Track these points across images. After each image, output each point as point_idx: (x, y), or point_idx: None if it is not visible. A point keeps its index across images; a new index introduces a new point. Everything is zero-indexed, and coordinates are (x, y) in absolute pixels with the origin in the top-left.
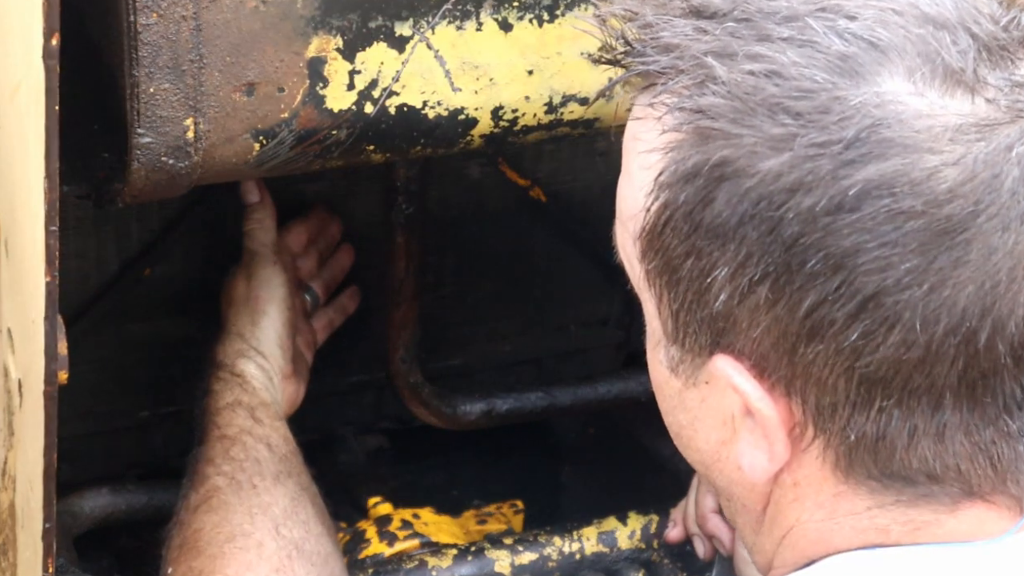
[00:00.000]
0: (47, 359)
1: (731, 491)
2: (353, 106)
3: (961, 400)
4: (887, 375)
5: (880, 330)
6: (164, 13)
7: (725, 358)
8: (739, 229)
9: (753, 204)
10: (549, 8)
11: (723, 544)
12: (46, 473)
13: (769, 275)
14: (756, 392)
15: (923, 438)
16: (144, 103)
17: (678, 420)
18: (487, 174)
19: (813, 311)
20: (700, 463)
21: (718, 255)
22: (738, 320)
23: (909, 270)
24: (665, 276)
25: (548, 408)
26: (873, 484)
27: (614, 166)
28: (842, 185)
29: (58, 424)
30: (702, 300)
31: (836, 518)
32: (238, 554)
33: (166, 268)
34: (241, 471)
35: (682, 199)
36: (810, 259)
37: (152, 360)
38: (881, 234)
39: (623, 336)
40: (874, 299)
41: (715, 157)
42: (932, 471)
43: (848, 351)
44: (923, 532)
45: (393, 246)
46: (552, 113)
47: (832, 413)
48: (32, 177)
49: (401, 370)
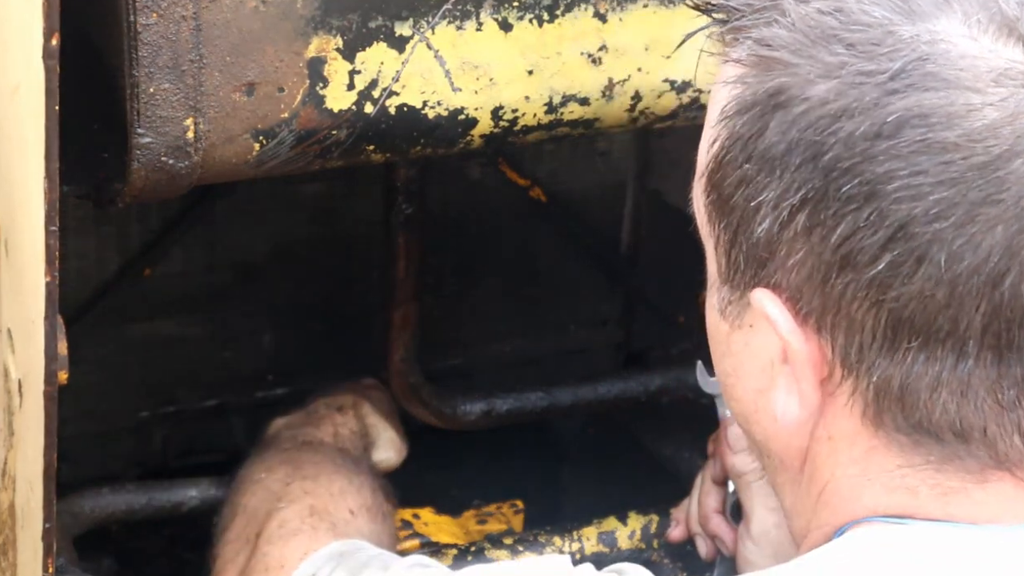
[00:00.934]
0: (47, 359)
1: (768, 446)
2: (353, 106)
3: (985, 352)
4: (913, 314)
5: (908, 263)
6: (164, 13)
7: (763, 290)
8: (786, 156)
9: (801, 130)
10: (549, 8)
11: (725, 544)
12: (46, 473)
13: (808, 202)
14: (788, 324)
15: (946, 387)
16: (144, 103)
17: (724, 367)
18: (487, 174)
19: (845, 240)
20: (741, 415)
21: (765, 182)
22: (777, 250)
23: (939, 201)
24: (720, 209)
25: (548, 408)
26: (903, 439)
27: (614, 166)
28: (883, 112)
29: (58, 424)
30: (748, 229)
31: (868, 474)
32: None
33: (166, 268)
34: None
35: (740, 129)
36: (846, 184)
37: (152, 360)
38: (914, 163)
39: (623, 336)
40: (903, 229)
41: (772, 85)
42: (957, 427)
43: (877, 284)
44: (951, 499)
45: (393, 246)
46: (552, 113)
47: (859, 354)
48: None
49: (401, 370)
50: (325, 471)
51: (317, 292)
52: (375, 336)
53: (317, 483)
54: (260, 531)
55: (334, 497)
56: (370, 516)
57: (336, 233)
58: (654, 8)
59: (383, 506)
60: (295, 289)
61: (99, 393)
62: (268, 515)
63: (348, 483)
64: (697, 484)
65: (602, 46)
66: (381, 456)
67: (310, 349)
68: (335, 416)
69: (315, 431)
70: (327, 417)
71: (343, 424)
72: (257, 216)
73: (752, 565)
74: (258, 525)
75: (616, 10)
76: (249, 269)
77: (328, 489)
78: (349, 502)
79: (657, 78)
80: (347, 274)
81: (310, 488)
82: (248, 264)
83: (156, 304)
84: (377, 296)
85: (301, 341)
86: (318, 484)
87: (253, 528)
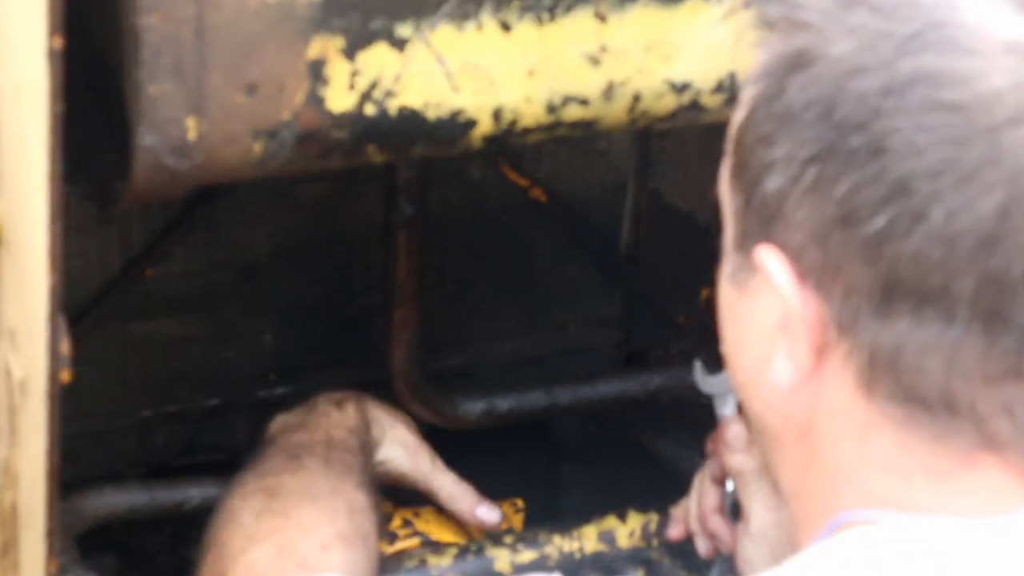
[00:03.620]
0: (50, 359)
1: (767, 420)
2: (354, 107)
3: (975, 320)
4: (907, 273)
5: (906, 219)
6: (166, 14)
7: (766, 246)
8: (802, 113)
9: (819, 88)
10: (549, 8)
11: (724, 543)
12: (48, 472)
13: (817, 157)
14: (786, 280)
15: (934, 353)
16: (146, 104)
17: (729, 337)
18: (487, 174)
19: (848, 195)
20: (742, 387)
21: (781, 139)
22: (784, 207)
23: (940, 159)
24: (738, 172)
25: (548, 408)
26: (896, 413)
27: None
28: (895, 70)
29: (60, 423)
30: (760, 187)
31: (865, 453)
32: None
33: (168, 268)
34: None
35: (763, 90)
36: (854, 139)
37: (155, 360)
38: (920, 120)
39: (623, 336)
40: (904, 185)
41: (797, 46)
42: (947, 397)
43: (875, 240)
44: (942, 486)
45: (393, 246)
46: (552, 114)
47: (854, 314)
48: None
49: (401, 370)
50: (297, 501)
51: (318, 292)
52: (375, 336)
53: (287, 517)
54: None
55: (303, 530)
56: (344, 544)
57: (336, 233)
58: (654, 9)
59: (362, 526)
60: (296, 289)
61: (101, 392)
62: (235, 556)
63: (319, 512)
64: (696, 484)
65: (602, 47)
66: (386, 454)
67: (311, 349)
68: (332, 414)
69: (308, 436)
70: (323, 416)
71: (339, 423)
72: (258, 216)
73: (751, 564)
74: (225, 566)
75: (616, 11)
76: (250, 269)
77: (298, 520)
78: (320, 535)
79: (657, 79)
80: (347, 274)
81: (279, 525)
82: (249, 264)
83: (158, 304)
84: (377, 296)
85: (302, 341)
86: (288, 520)
87: (221, 567)
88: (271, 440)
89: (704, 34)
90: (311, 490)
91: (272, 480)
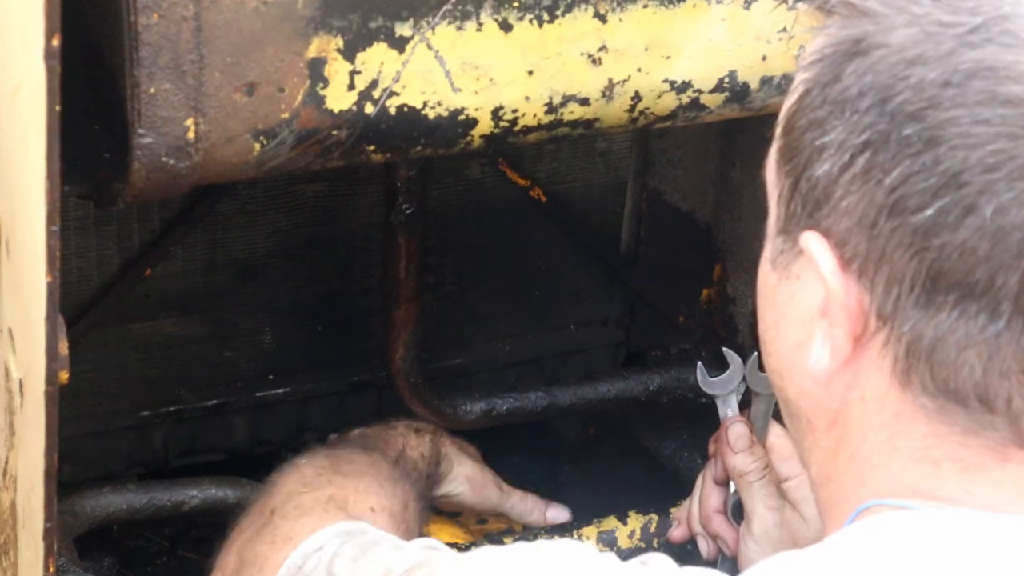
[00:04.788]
0: (48, 359)
1: (800, 404)
2: (353, 106)
3: (1018, 316)
4: (953, 265)
5: (956, 211)
6: (165, 13)
7: (812, 232)
8: (857, 99)
9: (876, 75)
10: (549, 8)
11: (727, 544)
12: (47, 473)
13: (870, 144)
14: (830, 265)
15: (974, 348)
16: (145, 103)
17: (766, 320)
18: (487, 174)
19: (899, 184)
20: (777, 372)
21: (834, 124)
22: (833, 192)
23: (995, 152)
24: (787, 154)
25: (548, 408)
26: (929, 404)
27: (614, 166)
28: (955, 61)
29: (59, 423)
30: (809, 171)
31: (896, 441)
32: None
33: (167, 268)
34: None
35: (819, 74)
36: (908, 128)
37: (153, 360)
38: (977, 112)
39: (623, 336)
40: (956, 177)
41: (856, 32)
42: (982, 392)
43: (923, 231)
44: (971, 476)
45: (393, 246)
46: (552, 113)
47: (896, 304)
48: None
49: (401, 370)
50: (360, 471)
51: (317, 292)
52: (375, 336)
53: (347, 479)
54: (276, 507)
55: (358, 493)
56: (391, 520)
57: (336, 233)
58: (654, 8)
59: (408, 521)
60: (295, 289)
61: (100, 393)
62: (288, 496)
63: (379, 487)
64: (698, 485)
65: (602, 46)
66: (450, 488)
67: (310, 349)
68: (410, 437)
69: (383, 443)
70: (402, 435)
71: (415, 446)
72: (257, 216)
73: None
74: (276, 502)
75: (616, 10)
76: (249, 269)
77: (355, 485)
78: (372, 500)
79: (657, 78)
80: (347, 274)
81: (338, 481)
82: (248, 264)
83: (157, 304)
84: (377, 296)
85: (301, 341)
86: (347, 479)
87: (271, 504)
88: (347, 436)
89: (704, 34)
90: (377, 471)
91: (344, 455)
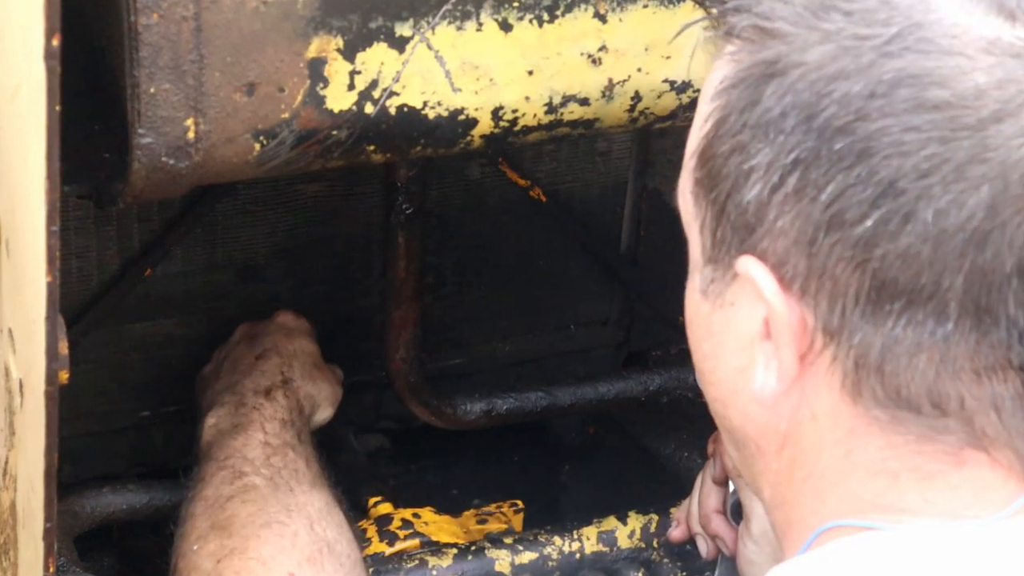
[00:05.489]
0: (48, 359)
1: (745, 431)
2: (353, 106)
3: (965, 316)
4: (897, 274)
5: (895, 219)
6: (165, 13)
7: (749, 257)
8: (780, 120)
9: (796, 94)
10: (549, 8)
11: (726, 544)
12: (47, 473)
13: (800, 163)
14: (772, 287)
15: (925, 352)
16: (145, 103)
17: (702, 350)
18: (487, 174)
19: (835, 199)
20: (718, 400)
21: (758, 148)
22: (766, 215)
23: (928, 157)
24: (708, 184)
25: (548, 408)
26: (882, 416)
27: (614, 166)
28: (878, 72)
29: (59, 424)
30: (737, 197)
31: (852, 456)
32: (273, 539)
33: (167, 268)
34: (279, 476)
35: (734, 100)
36: (838, 143)
37: (153, 360)
38: (906, 120)
39: (623, 336)
40: (892, 186)
41: (769, 55)
42: (935, 396)
43: (863, 242)
44: (929, 484)
45: (393, 246)
46: (552, 113)
47: (841, 319)
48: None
49: (401, 370)
50: (253, 533)
51: (317, 292)
52: (375, 336)
53: (247, 557)
54: None
55: (269, 569)
56: (312, 565)
57: (336, 233)
58: (654, 8)
59: (326, 533)
60: (295, 289)
61: (100, 393)
62: None
63: (279, 540)
64: (698, 484)
65: (602, 46)
66: (321, 417)
67: None
68: (264, 407)
69: (244, 440)
70: (255, 410)
71: (272, 416)
72: (257, 216)
73: (753, 564)
74: None
75: (616, 10)
76: (249, 269)
77: (260, 559)
78: (286, 564)
79: (657, 78)
80: (347, 274)
81: (241, 567)
82: (248, 264)
83: (157, 304)
84: (377, 296)
85: None
86: (248, 558)
87: None
88: (208, 452)
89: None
90: (265, 516)
91: (222, 513)
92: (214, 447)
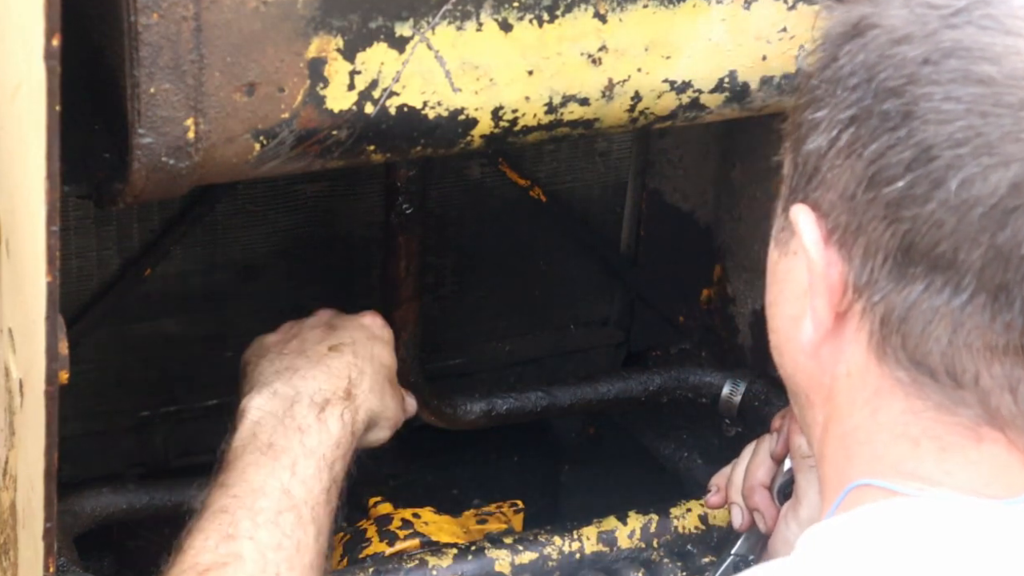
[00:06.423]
0: (48, 359)
1: (796, 380)
2: (353, 106)
3: (980, 291)
4: (922, 238)
5: (924, 184)
6: (165, 13)
7: (801, 205)
8: (848, 78)
9: (865, 55)
10: (549, 8)
11: (764, 520)
12: (47, 473)
13: (855, 120)
14: (812, 236)
15: (940, 321)
16: (145, 103)
17: (770, 296)
18: (487, 174)
19: (877, 158)
20: (776, 348)
21: (827, 101)
22: (822, 166)
23: (964, 128)
24: (791, 132)
25: (548, 408)
26: (904, 378)
27: (614, 166)
28: (936, 40)
29: (59, 423)
30: (803, 148)
31: (878, 417)
32: None
33: (167, 268)
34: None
35: (821, 56)
36: (888, 103)
37: (153, 360)
38: (949, 89)
39: (623, 336)
40: (927, 151)
41: (855, 15)
42: (951, 366)
43: (896, 203)
44: (948, 456)
45: (393, 246)
46: (552, 113)
47: (871, 275)
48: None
49: (401, 370)
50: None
51: (317, 292)
52: None
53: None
54: None
55: None
56: None
57: (336, 233)
58: (654, 8)
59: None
60: (295, 289)
61: (100, 393)
62: None
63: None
64: (745, 454)
65: (602, 46)
66: (376, 437)
67: None
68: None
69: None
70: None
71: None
72: (257, 216)
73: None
74: None
75: (616, 10)
76: (249, 269)
77: None
78: None
79: (657, 78)
80: (347, 274)
81: None
82: (248, 264)
83: (157, 304)
84: (377, 296)
85: None
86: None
87: None
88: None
89: (704, 34)
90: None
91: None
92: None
